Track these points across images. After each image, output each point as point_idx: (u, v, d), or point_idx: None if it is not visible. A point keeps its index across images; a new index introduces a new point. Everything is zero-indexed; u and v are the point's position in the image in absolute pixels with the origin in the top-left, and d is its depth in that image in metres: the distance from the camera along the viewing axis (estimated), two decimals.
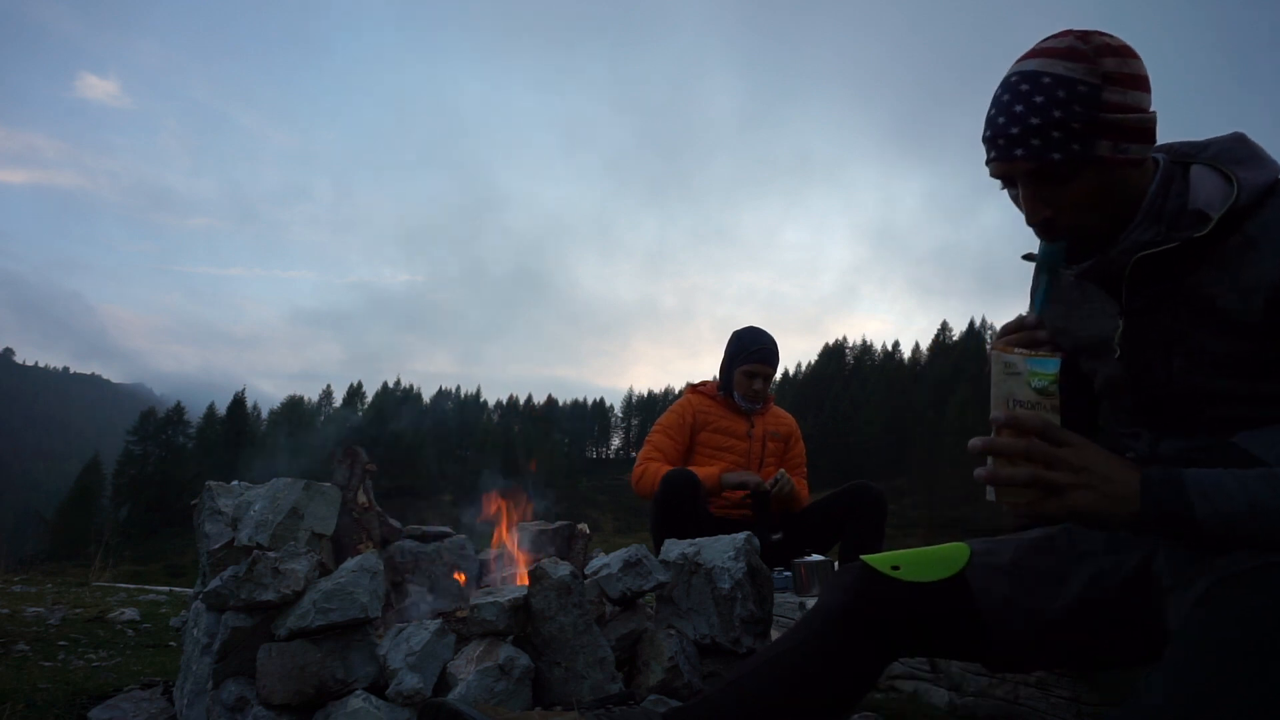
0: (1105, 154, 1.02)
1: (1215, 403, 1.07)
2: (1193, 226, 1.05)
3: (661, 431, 3.24)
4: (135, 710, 1.96)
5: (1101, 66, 1.02)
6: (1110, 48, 1.03)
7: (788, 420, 3.42)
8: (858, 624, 1.16)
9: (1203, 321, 1.06)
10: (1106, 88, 1.01)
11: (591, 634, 1.80)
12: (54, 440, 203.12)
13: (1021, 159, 1.04)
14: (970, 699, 2.23)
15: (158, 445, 73.31)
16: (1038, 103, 1.02)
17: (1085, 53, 1.03)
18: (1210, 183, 1.08)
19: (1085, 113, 1.01)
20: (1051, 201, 1.06)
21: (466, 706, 1.25)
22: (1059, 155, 1.02)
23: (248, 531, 2.03)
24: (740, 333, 3.30)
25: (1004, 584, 1.17)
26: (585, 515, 3.86)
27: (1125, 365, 1.15)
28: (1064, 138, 1.01)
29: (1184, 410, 1.11)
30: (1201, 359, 1.07)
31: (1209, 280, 1.05)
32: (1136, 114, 1.03)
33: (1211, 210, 1.04)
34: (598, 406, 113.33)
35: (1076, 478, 0.94)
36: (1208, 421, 1.08)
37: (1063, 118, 1.01)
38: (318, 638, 1.66)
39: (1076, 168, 1.03)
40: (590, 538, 2.54)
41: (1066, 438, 0.95)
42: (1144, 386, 1.14)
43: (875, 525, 2.94)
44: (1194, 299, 1.06)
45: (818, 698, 1.14)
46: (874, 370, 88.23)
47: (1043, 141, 1.02)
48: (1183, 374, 1.09)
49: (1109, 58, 1.02)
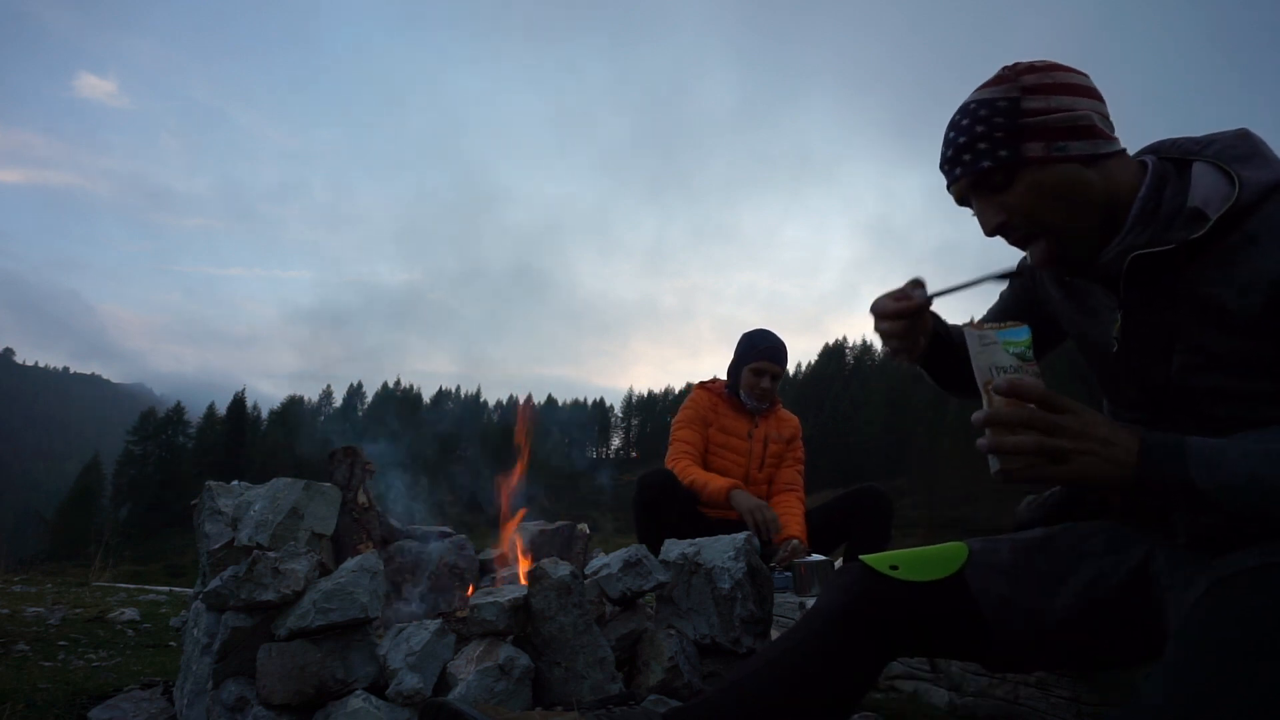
0: (1037, 155, 1.08)
1: (1214, 401, 1.07)
2: (1189, 226, 1.05)
3: (686, 426, 3.25)
4: (135, 710, 1.96)
5: (1020, 82, 1.11)
6: (1032, 68, 1.12)
7: (792, 423, 3.41)
8: (857, 624, 1.16)
9: (1201, 319, 1.06)
10: (1025, 97, 1.09)
11: (591, 634, 1.81)
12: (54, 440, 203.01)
13: (961, 175, 1.14)
14: (970, 699, 2.23)
15: (158, 445, 73.32)
16: (964, 124, 1.13)
17: (1007, 76, 1.13)
18: (1209, 180, 1.08)
19: (1006, 122, 1.09)
20: (1002, 207, 1.12)
21: (466, 706, 1.25)
22: (988, 162, 1.10)
23: (248, 531, 2.03)
24: (749, 333, 3.33)
25: (1003, 584, 1.17)
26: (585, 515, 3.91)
27: (1123, 361, 1.15)
28: (989, 147, 1.10)
29: (1182, 406, 1.10)
30: (1200, 356, 1.07)
31: (1208, 277, 1.05)
32: (1062, 114, 1.08)
33: (1209, 209, 1.04)
34: (598, 406, 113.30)
35: (1078, 443, 0.94)
36: (1205, 419, 1.08)
37: (985, 131, 1.10)
38: (318, 638, 1.66)
39: (1010, 172, 1.09)
40: (590, 538, 2.55)
41: (1066, 404, 0.96)
42: (1142, 382, 1.14)
43: (881, 528, 2.94)
44: (1192, 296, 1.06)
45: (817, 698, 1.14)
46: (874, 370, 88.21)
47: (973, 155, 1.11)
48: (1182, 371, 1.09)
49: (1028, 75, 1.11)
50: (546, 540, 2.47)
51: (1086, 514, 1.26)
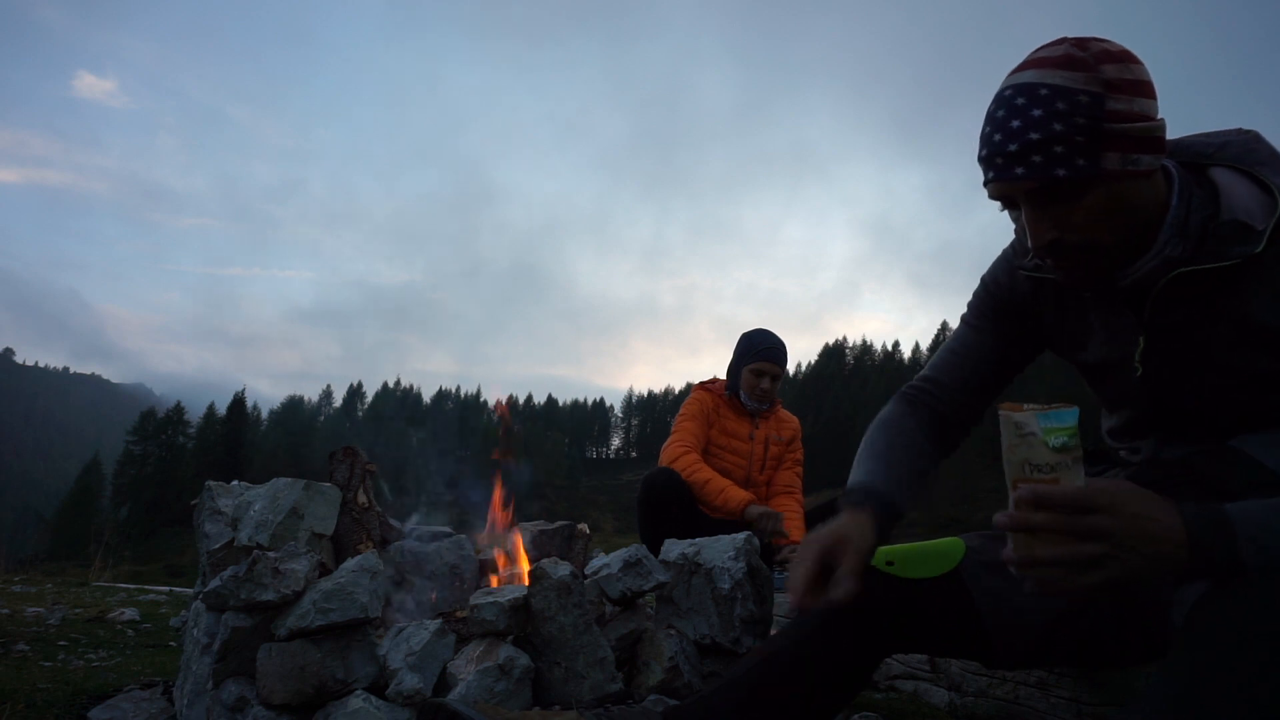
0: (1114, 167, 0.95)
1: (1242, 422, 1.04)
2: (1238, 240, 0.98)
3: (690, 419, 3.23)
4: (135, 710, 1.96)
5: (1102, 74, 0.95)
6: (1110, 54, 0.96)
7: (792, 424, 3.40)
8: (852, 620, 1.16)
9: (1239, 338, 1.01)
10: (1110, 96, 0.94)
11: (591, 634, 1.80)
12: (54, 440, 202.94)
13: (1023, 178, 0.96)
14: (970, 699, 2.23)
15: (158, 445, 73.35)
16: (1036, 116, 0.94)
17: (1084, 60, 0.95)
18: (1242, 189, 1.01)
19: (1089, 124, 0.93)
20: (1059, 222, 0.98)
21: (466, 706, 1.25)
22: (1064, 171, 0.94)
23: (248, 531, 2.03)
24: (749, 333, 3.31)
25: (1000, 581, 1.15)
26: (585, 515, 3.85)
27: (1147, 384, 1.11)
28: (1067, 152, 0.94)
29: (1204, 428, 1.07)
30: (1235, 378, 1.03)
31: (1249, 295, 0.99)
32: (1144, 123, 0.95)
33: (1254, 221, 0.98)
34: (598, 406, 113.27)
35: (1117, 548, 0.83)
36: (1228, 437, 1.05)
37: (1065, 131, 0.93)
38: (318, 638, 1.66)
39: (1083, 184, 0.95)
40: (590, 538, 2.54)
41: (1096, 501, 0.84)
42: (1164, 404, 1.11)
43: None
44: (1231, 315, 1.00)
45: (813, 694, 1.14)
46: (874, 370, 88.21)
47: (1045, 158, 0.94)
48: (1213, 393, 1.05)
49: (1109, 64, 0.95)
50: (546, 540, 2.47)
51: None
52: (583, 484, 78.03)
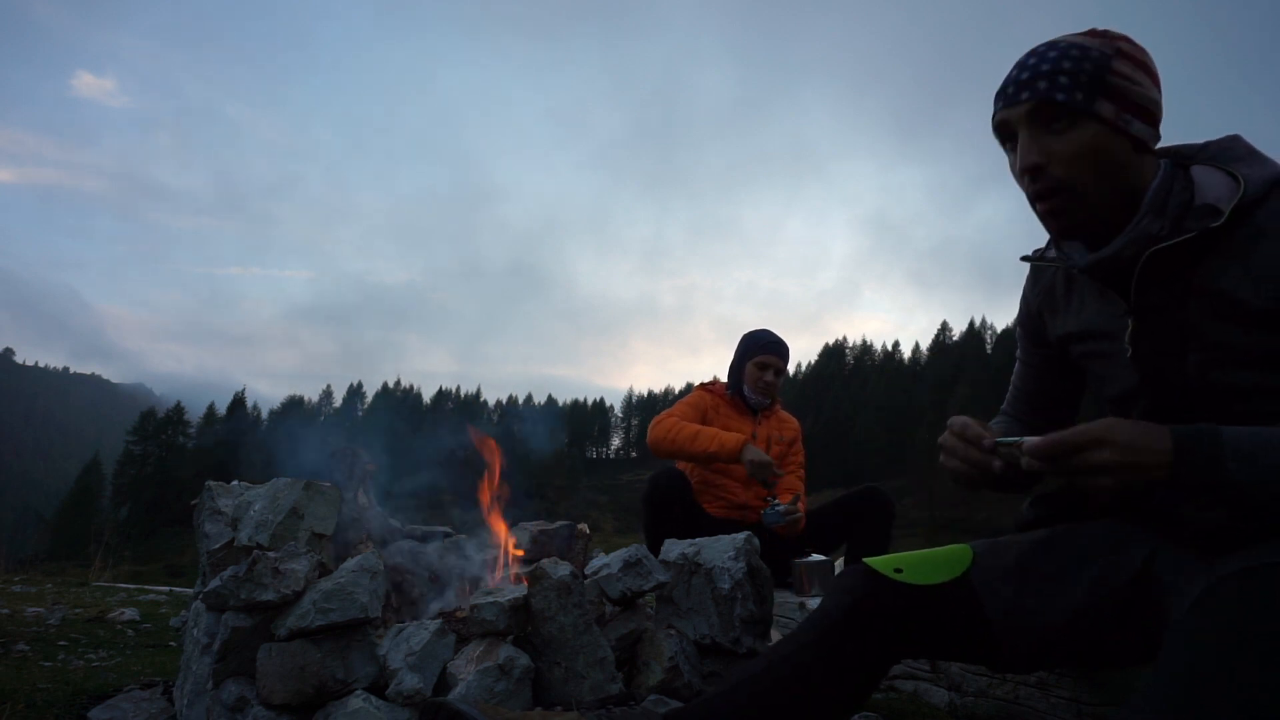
0: (1106, 115, 1.07)
1: (1232, 398, 1.07)
2: (1205, 219, 1.07)
3: (684, 404, 3.28)
4: (135, 710, 1.96)
5: (1116, 45, 1.10)
6: (1127, 39, 1.12)
7: (793, 425, 3.42)
8: (861, 627, 1.16)
9: (1217, 315, 1.07)
10: (1117, 58, 1.09)
11: (591, 634, 1.80)
12: (54, 440, 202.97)
13: (1028, 99, 1.10)
14: (970, 699, 2.23)
15: (158, 445, 73.36)
16: (1051, 56, 1.10)
17: (1102, 34, 1.12)
18: (1215, 179, 1.11)
19: (1094, 70, 1.07)
20: (1046, 149, 1.10)
21: (467, 706, 1.25)
22: (1061, 96, 1.07)
23: (248, 531, 2.03)
24: (751, 331, 3.38)
25: (1008, 586, 1.17)
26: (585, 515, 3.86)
27: (1138, 366, 1.15)
28: (1069, 84, 1.07)
29: (1198, 406, 1.10)
30: (1217, 353, 1.07)
31: (1221, 272, 1.06)
32: (1141, 90, 1.08)
33: (1221, 204, 1.07)
34: (598, 406, 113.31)
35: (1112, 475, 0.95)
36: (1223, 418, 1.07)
37: (1071, 68, 1.08)
38: (318, 638, 1.66)
39: (1075, 116, 1.08)
40: (590, 538, 2.54)
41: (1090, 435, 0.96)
42: (1159, 387, 1.14)
43: (883, 529, 2.95)
44: (1207, 292, 1.07)
45: (820, 701, 1.14)
46: (874, 370, 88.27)
47: (1049, 83, 1.08)
48: (1199, 370, 1.09)
49: (1124, 42, 1.11)
50: (546, 540, 2.47)
51: (1089, 513, 1.26)
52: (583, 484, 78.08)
